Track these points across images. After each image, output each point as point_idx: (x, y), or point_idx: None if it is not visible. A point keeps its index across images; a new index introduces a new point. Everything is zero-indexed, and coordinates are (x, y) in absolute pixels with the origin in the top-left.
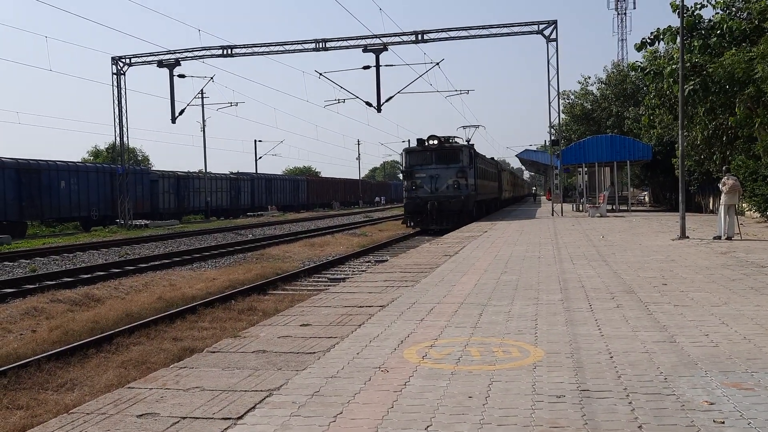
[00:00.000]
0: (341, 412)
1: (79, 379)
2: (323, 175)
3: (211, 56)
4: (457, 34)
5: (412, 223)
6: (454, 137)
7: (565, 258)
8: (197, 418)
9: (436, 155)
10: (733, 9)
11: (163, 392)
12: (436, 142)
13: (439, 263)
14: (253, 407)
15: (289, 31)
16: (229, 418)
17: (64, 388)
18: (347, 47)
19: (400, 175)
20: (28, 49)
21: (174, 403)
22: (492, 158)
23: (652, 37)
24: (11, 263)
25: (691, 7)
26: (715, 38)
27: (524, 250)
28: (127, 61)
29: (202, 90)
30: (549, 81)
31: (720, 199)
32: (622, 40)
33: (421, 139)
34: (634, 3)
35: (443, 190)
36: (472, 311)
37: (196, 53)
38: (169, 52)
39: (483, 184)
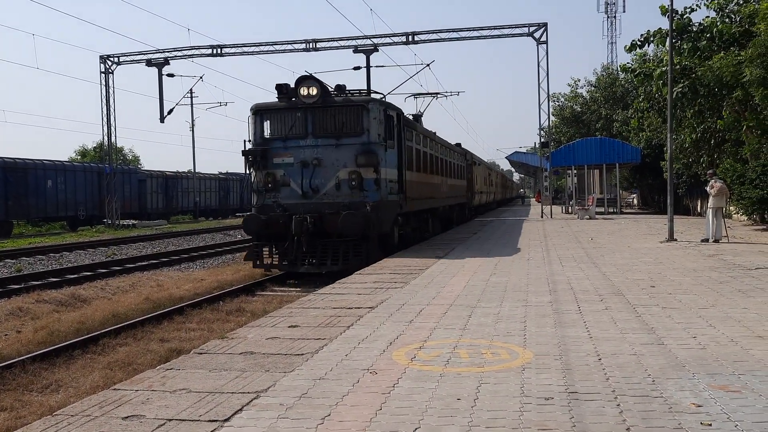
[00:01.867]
0: (329, 414)
1: (64, 380)
2: None
3: (201, 55)
4: (448, 36)
5: (268, 260)
6: (361, 91)
7: (554, 260)
8: (183, 420)
9: (315, 119)
10: (727, 11)
11: (149, 394)
12: (315, 91)
13: (429, 265)
14: (240, 409)
15: (280, 30)
16: (216, 420)
17: (49, 390)
18: (338, 48)
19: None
20: (15, 47)
21: (160, 404)
22: (458, 144)
23: (642, 39)
24: None
25: (681, 10)
26: (705, 41)
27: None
28: (116, 59)
29: (191, 89)
30: (539, 83)
31: (708, 202)
32: (612, 43)
33: (284, 84)
34: (624, 6)
35: (330, 192)
36: (461, 313)
37: (185, 52)
38: (157, 51)
39: (424, 182)
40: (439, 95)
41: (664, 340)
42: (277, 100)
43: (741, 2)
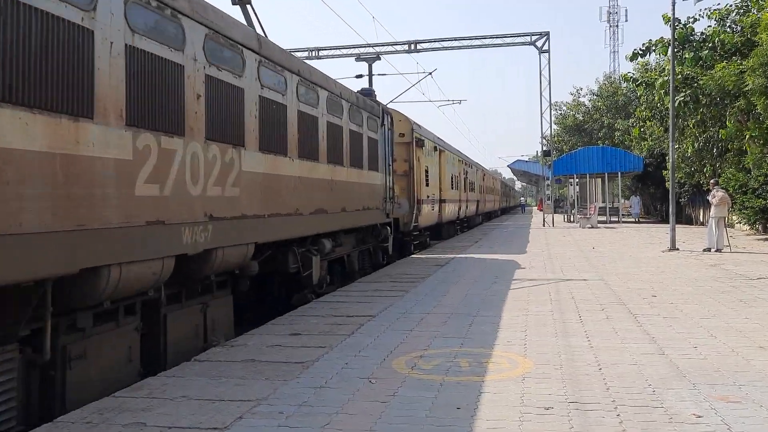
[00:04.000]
0: (329, 423)
1: None
2: None
3: None
4: (450, 44)
5: None
6: None
7: (557, 268)
8: (183, 427)
9: None
10: (728, 21)
11: (150, 401)
12: None
13: (430, 273)
14: (240, 417)
15: (282, 38)
16: (216, 428)
17: None
18: (340, 56)
19: None
20: None
21: (160, 412)
22: (366, 93)
23: (644, 48)
24: None
25: (684, 20)
26: (707, 51)
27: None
28: None
29: None
30: (541, 92)
31: (710, 211)
32: (614, 52)
33: None
34: (626, 15)
35: None
36: (461, 321)
37: None
38: None
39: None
40: None
41: (665, 349)
42: None
43: (742, 12)
